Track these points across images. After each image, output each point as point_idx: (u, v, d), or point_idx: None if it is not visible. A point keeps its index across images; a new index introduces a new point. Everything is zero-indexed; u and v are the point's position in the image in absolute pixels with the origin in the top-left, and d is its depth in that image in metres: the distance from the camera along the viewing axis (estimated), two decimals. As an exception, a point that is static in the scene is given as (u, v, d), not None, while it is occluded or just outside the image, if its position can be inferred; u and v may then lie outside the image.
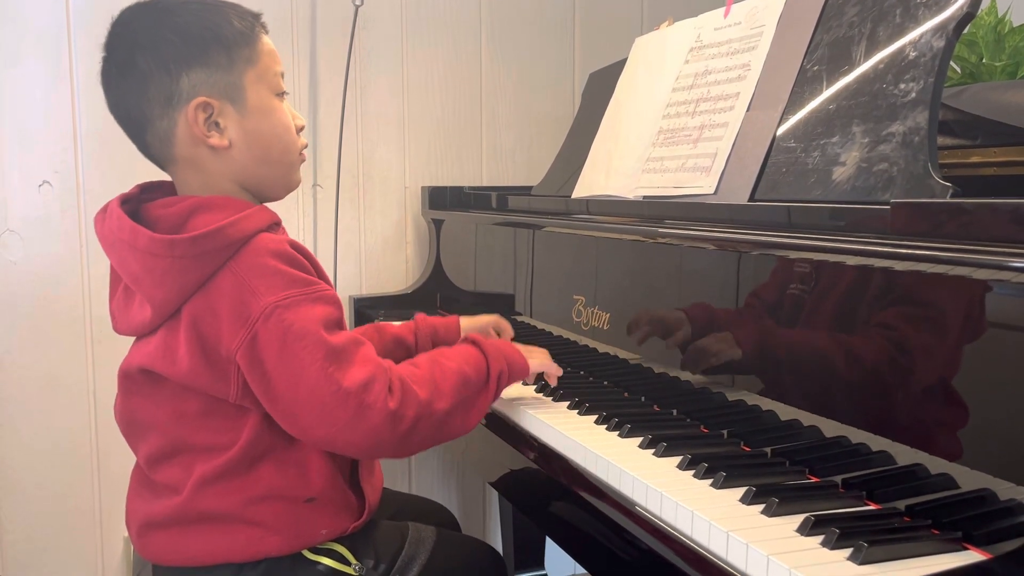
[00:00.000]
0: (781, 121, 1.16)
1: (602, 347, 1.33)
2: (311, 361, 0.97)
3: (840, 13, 1.14)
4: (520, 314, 1.60)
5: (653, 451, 0.99)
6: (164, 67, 1.01)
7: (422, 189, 2.12)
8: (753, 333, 1.02)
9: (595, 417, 1.12)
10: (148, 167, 1.11)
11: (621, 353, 1.28)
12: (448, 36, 2.16)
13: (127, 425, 1.10)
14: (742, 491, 0.86)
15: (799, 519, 0.78)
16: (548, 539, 2.06)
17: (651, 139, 1.41)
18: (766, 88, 1.22)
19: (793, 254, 0.96)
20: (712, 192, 1.21)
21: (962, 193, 0.89)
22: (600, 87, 1.75)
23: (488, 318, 1.43)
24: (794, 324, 0.97)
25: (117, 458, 1.90)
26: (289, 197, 1.15)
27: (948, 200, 0.87)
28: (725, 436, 1.04)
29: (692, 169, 1.27)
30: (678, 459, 0.95)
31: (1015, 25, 1.38)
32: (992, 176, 1.18)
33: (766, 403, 0.99)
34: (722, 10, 1.37)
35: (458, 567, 1.21)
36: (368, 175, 2.12)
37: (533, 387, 1.29)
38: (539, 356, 1.21)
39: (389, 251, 2.16)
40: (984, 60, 1.37)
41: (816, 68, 1.14)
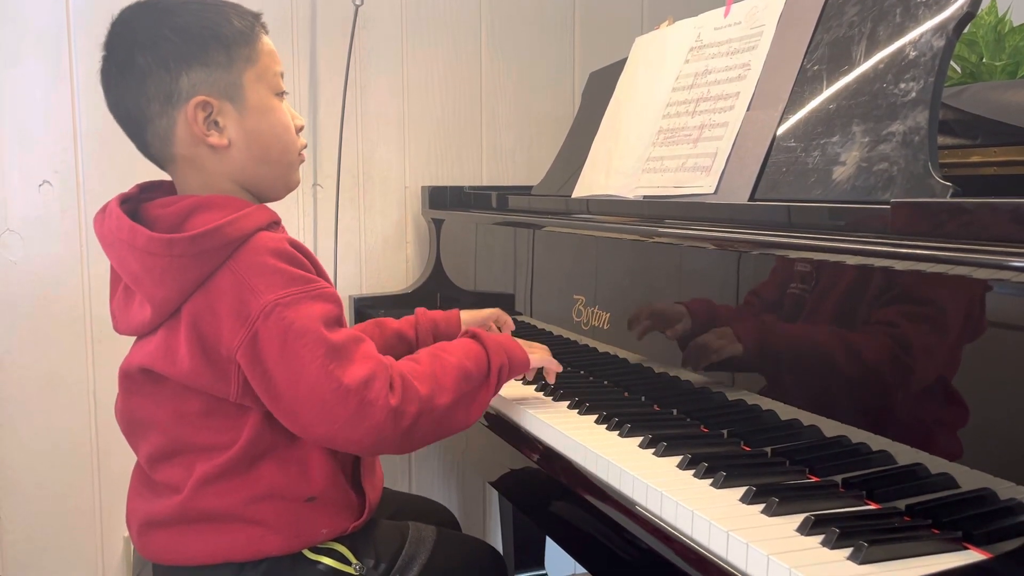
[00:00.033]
0: (781, 121, 1.16)
1: (602, 347, 1.33)
2: (312, 359, 0.97)
3: (840, 13, 1.14)
4: (520, 314, 1.60)
5: (653, 451, 0.99)
6: (164, 66, 1.01)
7: (422, 189, 2.12)
8: (753, 332, 1.02)
9: (595, 417, 1.12)
10: (148, 167, 1.11)
11: (621, 353, 1.28)
12: (448, 36, 2.16)
13: (128, 425, 1.10)
14: (742, 491, 0.86)
15: (799, 519, 0.78)
16: (548, 539, 2.06)
17: (651, 139, 1.41)
18: (766, 88, 1.22)
19: (793, 254, 0.96)
20: (712, 192, 1.21)
21: (962, 193, 0.89)
22: (600, 87, 1.75)
23: (489, 312, 1.44)
24: (794, 324, 0.97)
25: (117, 458, 1.90)
26: (289, 197, 1.15)
27: (948, 200, 0.87)
28: (725, 436, 1.04)
29: (692, 169, 1.27)
30: (678, 459, 0.95)
31: (1015, 25, 1.38)
32: (992, 176, 1.18)
33: (766, 403, 0.99)
34: (722, 10, 1.37)
35: (458, 567, 1.21)
36: (368, 175, 2.12)
37: (533, 387, 1.29)
38: (539, 351, 1.22)
39: (389, 251, 2.16)
40: (984, 60, 1.37)
41: (816, 68, 1.14)
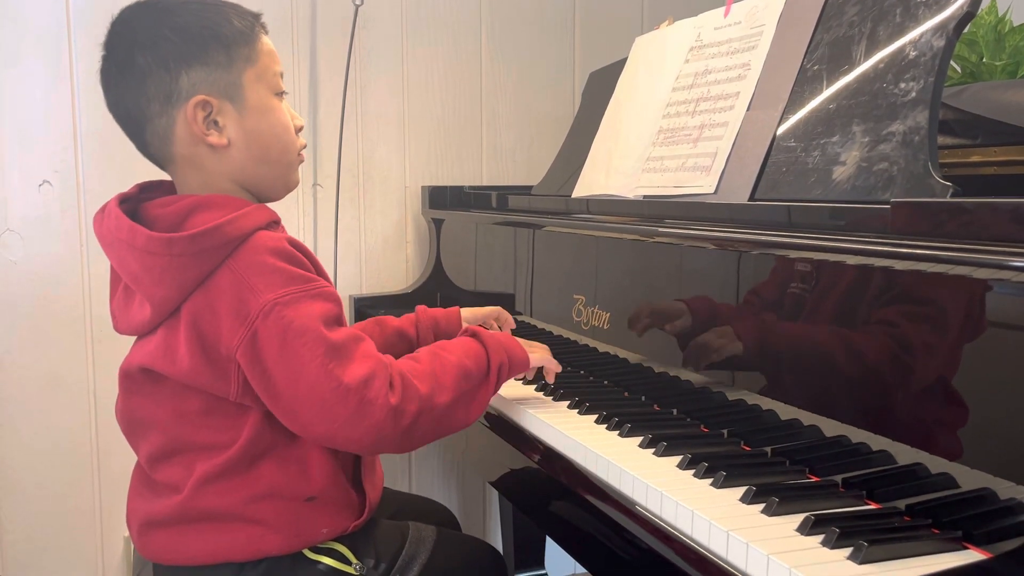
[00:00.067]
0: (781, 120, 1.16)
1: (602, 346, 1.33)
2: (311, 358, 0.97)
3: (840, 12, 1.14)
4: (520, 313, 1.60)
5: (653, 450, 0.99)
6: (163, 65, 1.01)
7: (422, 188, 2.12)
8: (753, 332, 1.02)
9: (595, 416, 1.12)
10: (148, 167, 1.11)
11: (621, 352, 1.28)
12: (448, 35, 2.16)
13: (128, 424, 1.10)
14: (742, 490, 0.86)
15: (799, 518, 0.78)
16: (548, 538, 2.06)
17: (651, 138, 1.41)
18: (766, 87, 1.21)
19: (793, 253, 0.95)
20: (712, 191, 1.21)
21: (962, 192, 0.89)
22: (600, 87, 1.74)
23: (489, 310, 1.44)
24: (794, 323, 0.97)
25: (117, 458, 1.90)
26: (289, 196, 1.15)
27: (948, 199, 0.87)
28: (725, 435, 1.04)
29: (692, 168, 1.27)
30: (678, 458, 0.95)
31: (1015, 24, 1.38)
32: (992, 175, 1.18)
33: (766, 402, 0.99)
34: (722, 9, 1.37)
35: (458, 566, 1.21)
36: (368, 174, 2.12)
37: (533, 386, 1.29)
38: (539, 351, 1.22)
39: (389, 250, 2.16)
40: (984, 59, 1.37)
41: (816, 67, 1.14)
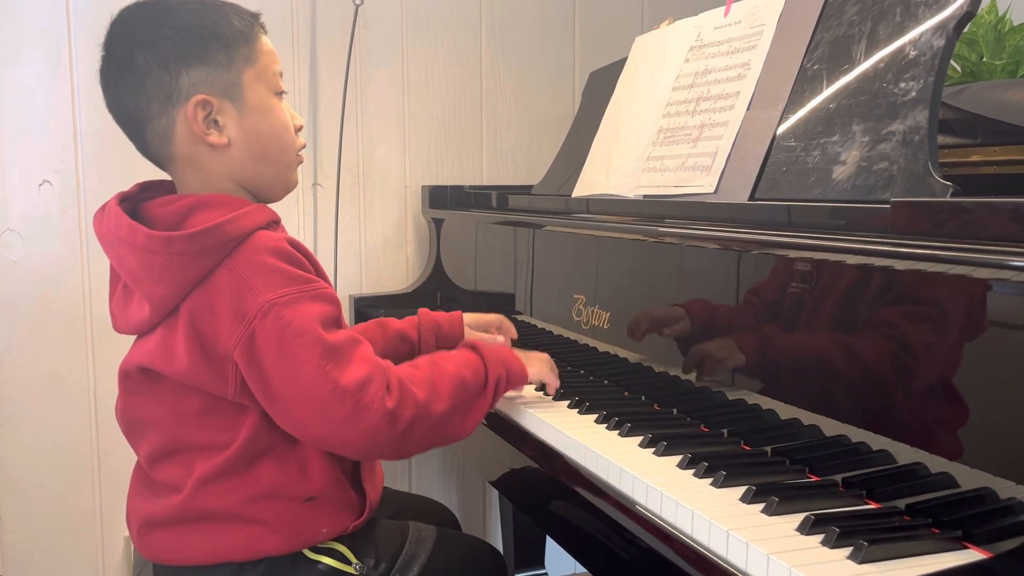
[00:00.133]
0: (781, 120, 1.16)
1: (602, 346, 1.33)
2: (308, 359, 0.97)
3: (840, 12, 1.14)
4: (520, 313, 1.60)
5: (653, 450, 0.99)
6: (163, 65, 1.01)
7: (422, 188, 2.12)
8: (753, 332, 1.02)
9: (595, 416, 1.12)
10: (148, 166, 1.11)
11: (621, 352, 1.28)
12: (448, 35, 2.16)
13: (127, 424, 1.10)
14: (742, 490, 0.86)
15: (799, 518, 0.78)
16: (548, 538, 2.06)
17: (651, 138, 1.41)
18: (766, 87, 1.21)
19: (793, 253, 0.95)
20: (712, 191, 1.21)
21: (962, 192, 0.89)
22: (600, 86, 1.74)
23: (492, 317, 1.43)
24: (794, 323, 0.97)
25: (117, 457, 1.90)
26: (289, 196, 1.15)
27: (948, 199, 0.87)
28: (725, 435, 1.04)
29: (692, 168, 1.27)
30: (678, 458, 0.95)
31: (1015, 24, 1.38)
32: (992, 175, 1.18)
33: (766, 402, 0.99)
34: (722, 9, 1.37)
35: (459, 566, 1.21)
36: (368, 174, 2.12)
37: (533, 386, 1.28)
38: (538, 364, 1.20)
39: (389, 250, 2.16)
40: (984, 59, 1.37)
41: (816, 67, 1.14)
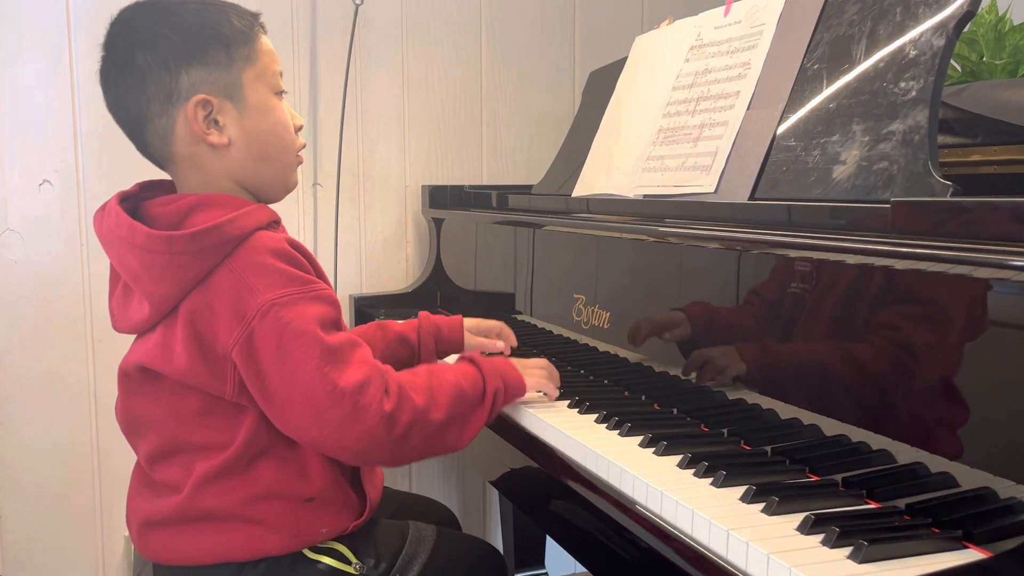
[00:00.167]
0: (781, 120, 1.16)
1: (602, 346, 1.33)
2: (307, 360, 0.97)
3: (840, 11, 1.14)
4: (520, 313, 1.60)
5: (653, 450, 0.99)
6: (163, 65, 1.01)
7: (422, 188, 2.12)
8: (753, 332, 1.02)
9: (595, 416, 1.12)
10: (148, 166, 1.11)
11: (621, 352, 1.28)
12: (448, 35, 2.16)
13: (127, 424, 1.10)
14: (742, 490, 0.85)
15: (799, 518, 0.78)
16: (548, 538, 2.06)
17: (651, 138, 1.41)
18: (766, 87, 1.21)
19: (793, 253, 0.95)
20: (712, 191, 1.21)
21: (962, 192, 0.89)
22: (600, 86, 1.74)
23: (492, 323, 1.42)
24: (794, 323, 0.97)
25: (118, 457, 1.90)
26: (289, 196, 1.15)
27: (948, 199, 0.87)
28: (725, 435, 1.04)
29: (692, 168, 1.27)
30: (678, 458, 0.95)
31: (1015, 23, 1.38)
32: (992, 174, 1.18)
33: (766, 402, 0.99)
34: (722, 9, 1.37)
35: (459, 566, 1.21)
36: (368, 174, 2.12)
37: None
38: (536, 375, 1.18)
39: (389, 250, 2.16)
40: (984, 58, 1.37)
41: (816, 67, 1.14)
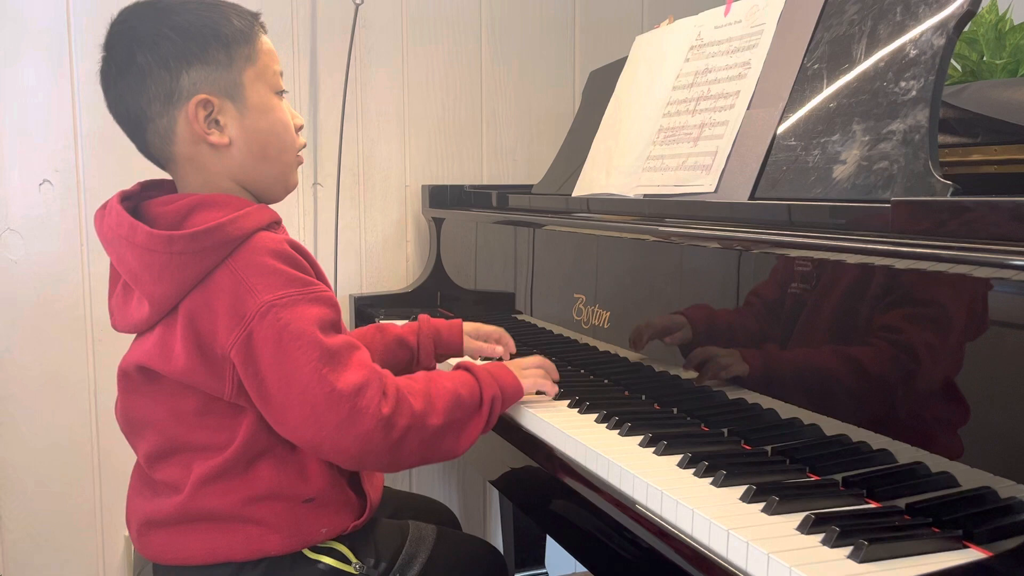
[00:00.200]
0: (781, 119, 1.16)
1: (602, 346, 1.33)
2: (305, 361, 0.97)
3: (840, 11, 1.14)
4: (520, 312, 1.60)
5: (653, 449, 0.99)
6: (164, 65, 1.01)
7: (422, 187, 2.12)
8: (753, 331, 1.02)
9: (595, 415, 1.12)
10: (148, 166, 1.11)
11: (621, 352, 1.28)
12: (449, 34, 2.16)
13: (127, 424, 1.10)
14: (742, 489, 0.85)
15: (799, 517, 0.78)
16: (548, 537, 2.06)
17: (651, 137, 1.41)
18: (766, 86, 1.21)
19: (793, 252, 0.95)
20: (712, 190, 1.21)
21: (963, 191, 0.89)
22: (600, 85, 1.74)
23: (492, 328, 1.41)
24: (794, 322, 0.97)
25: (118, 456, 1.90)
26: (289, 196, 1.15)
27: (949, 198, 0.87)
28: (725, 434, 1.04)
29: (692, 167, 1.27)
30: (678, 457, 0.95)
31: (1015, 23, 1.38)
32: (993, 174, 1.18)
33: (766, 401, 0.99)
34: (722, 8, 1.37)
35: (459, 565, 1.21)
36: (368, 173, 2.12)
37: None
38: (532, 375, 1.18)
39: (389, 249, 2.16)
40: (985, 58, 1.37)
41: (816, 66, 1.14)
